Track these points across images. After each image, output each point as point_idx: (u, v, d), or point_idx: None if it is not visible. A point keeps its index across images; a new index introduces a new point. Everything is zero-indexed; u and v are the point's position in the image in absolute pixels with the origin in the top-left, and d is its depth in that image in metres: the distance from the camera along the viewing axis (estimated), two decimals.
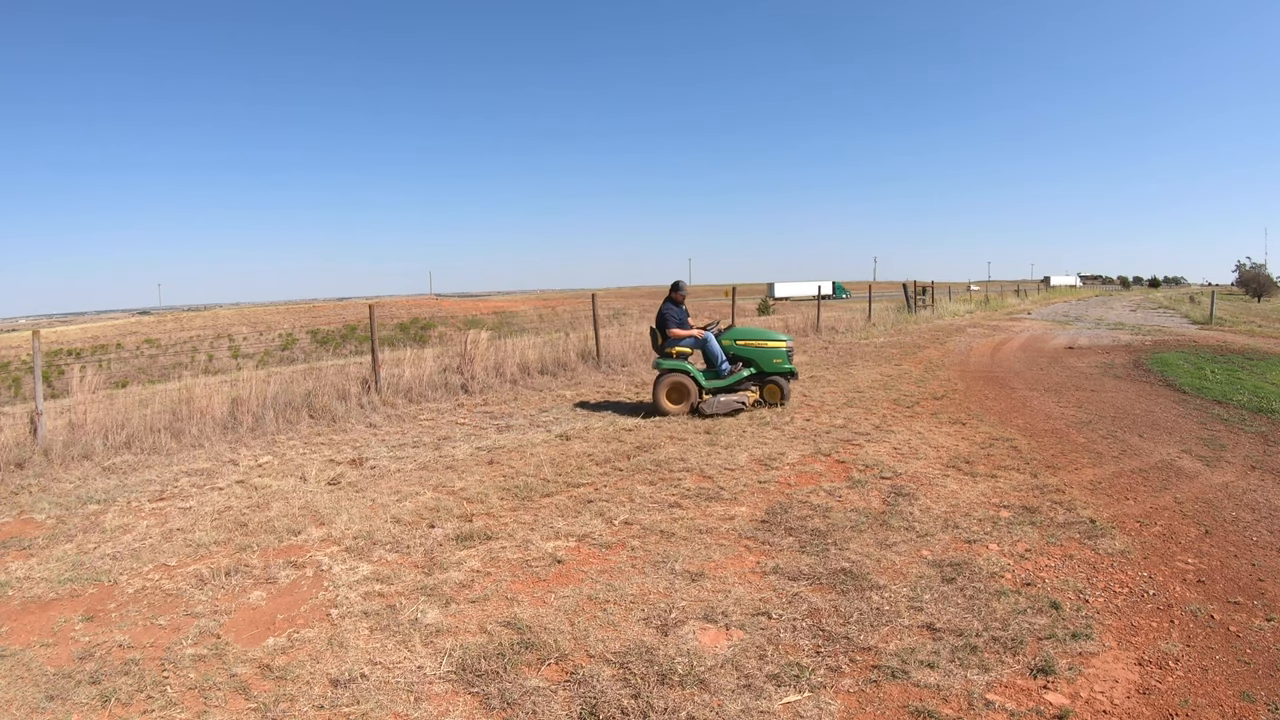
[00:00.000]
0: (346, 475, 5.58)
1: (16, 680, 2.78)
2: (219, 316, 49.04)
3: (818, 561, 3.72)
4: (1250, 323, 22.22)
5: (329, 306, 55.77)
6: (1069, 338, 16.62)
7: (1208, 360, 11.44)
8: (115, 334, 37.22)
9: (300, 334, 34.84)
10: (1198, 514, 4.39)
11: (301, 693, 2.65)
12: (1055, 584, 3.43)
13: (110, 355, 24.53)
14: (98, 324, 53.51)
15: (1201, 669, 2.74)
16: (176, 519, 4.63)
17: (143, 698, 2.65)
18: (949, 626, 3.03)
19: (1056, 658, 2.78)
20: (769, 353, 7.83)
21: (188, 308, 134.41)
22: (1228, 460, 5.54)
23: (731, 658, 2.82)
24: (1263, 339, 15.67)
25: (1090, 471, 5.32)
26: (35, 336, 7.04)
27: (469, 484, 5.23)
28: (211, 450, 6.53)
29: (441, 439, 6.79)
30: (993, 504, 4.60)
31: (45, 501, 5.08)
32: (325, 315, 43.21)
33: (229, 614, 3.31)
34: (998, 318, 25.39)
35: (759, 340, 7.89)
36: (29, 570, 3.86)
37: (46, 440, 6.40)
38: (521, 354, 10.67)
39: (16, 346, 28.64)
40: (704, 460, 5.73)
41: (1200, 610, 3.19)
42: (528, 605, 3.30)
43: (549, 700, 2.57)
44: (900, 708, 2.52)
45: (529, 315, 38.82)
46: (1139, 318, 25.11)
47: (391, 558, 3.90)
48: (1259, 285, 47.65)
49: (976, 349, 14.35)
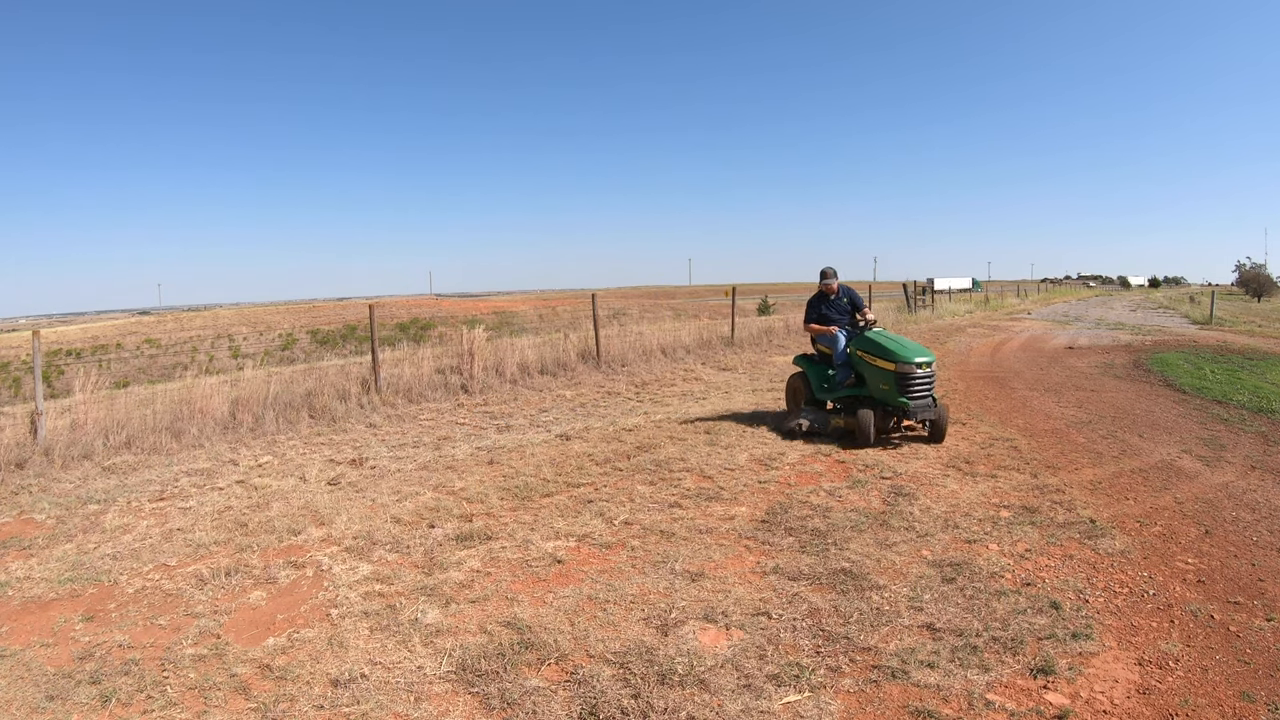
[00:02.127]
0: (346, 475, 5.58)
1: (16, 680, 2.78)
2: (219, 316, 49.06)
3: (818, 561, 3.72)
4: (1250, 323, 22.22)
5: (329, 306, 55.79)
6: (1069, 338, 16.62)
7: (1208, 360, 11.43)
8: (115, 334, 37.23)
9: (300, 334, 34.85)
10: (1198, 514, 4.38)
11: (301, 693, 2.65)
12: (1055, 584, 3.43)
13: (110, 355, 24.54)
14: (98, 324, 53.52)
15: (1201, 669, 2.74)
16: (176, 519, 4.64)
17: (143, 698, 2.65)
18: (949, 626, 3.03)
19: (1056, 658, 2.78)
20: (875, 373, 6.21)
21: (188, 308, 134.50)
22: (1228, 460, 5.54)
23: (731, 658, 2.82)
24: (1263, 339, 15.67)
25: (1090, 471, 5.32)
26: (35, 336, 7.04)
27: (469, 484, 5.23)
28: (212, 450, 6.53)
29: (441, 439, 6.79)
30: (993, 504, 4.60)
31: (45, 501, 5.08)
32: (325, 315, 43.22)
33: (229, 614, 3.31)
34: (998, 318, 25.39)
35: (871, 354, 6.26)
36: (29, 570, 3.86)
37: (47, 440, 6.40)
38: (521, 354, 10.67)
39: (16, 346, 28.64)
40: (704, 460, 5.73)
41: (1200, 610, 3.19)
42: (528, 605, 3.30)
43: (549, 700, 2.57)
44: (900, 708, 2.51)
45: (529, 315, 38.83)
46: (1139, 318, 25.11)
47: (391, 558, 3.90)
48: (1259, 285, 47.68)
49: (976, 349, 14.35)
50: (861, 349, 6.39)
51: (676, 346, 13.08)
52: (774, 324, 17.09)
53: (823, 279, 6.99)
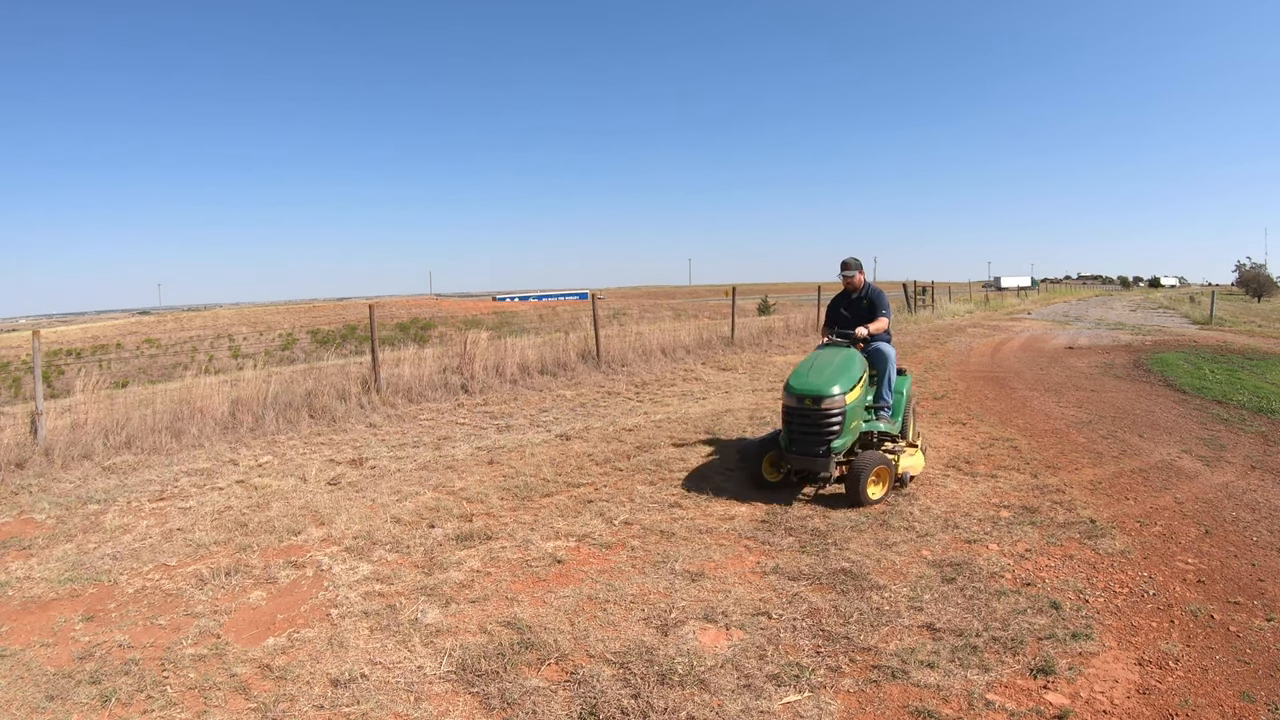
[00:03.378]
0: (346, 475, 5.58)
1: (16, 680, 2.78)
2: (219, 316, 49.05)
3: (818, 561, 3.72)
4: (1250, 323, 22.23)
5: (329, 306, 55.78)
6: (1069, 338, 16.61)
7: (1208, 360, 11.43)
8: (115, 334, 37.21)
9: (300, 334, 34.83)
10: (1198, 514, 4.38)
11: (301, 693, 2.65)
12: (1055, 584, 3.43)
13: (110, 355, 24.53)
14: (98, 324, 53.51)
15: (1201, 669, 2.74)
16: (176, 519, 4.64)
17: (143, 698, 2.65)
18: (949, 626, 3.03)
19: (1056, 658, 2.78)
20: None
21: (188, 308, 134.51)
22: (1228, 460, 5.54)
23: (731, 658, 2.82)
24: (1263, 339, 15.67)
25: (1090, 471, 5.32)
26: (35, 336, 7.04)
27: (469, 484, 5.23)
28: (212, 450, 6.53)
29: (441, 439, 6.79)
30: (993, 504, 4.60)
31: (45, 501, 5.08)
32: (325, 315, 43.21)
33: (229, 614, 3.31)
34: (998, 318, 25.39)
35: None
36: (29, 570, 3.86)
37: (47, 440, 6.40)
38: (521, 354, 10.67)
39: (16, 346, 28.62)
40: (704, 460, 5.73)
41: (1200, 610, 3.19)
42: (528, 605, 3.30)
43: (549, 700, 2.57)
44: (900, 708, 2.51)
45: (529, 315, 38.82)
46: (1139, 318, 25.12)
47: (391, 558, 3.90)
48: (1259, 285, 47.72)
49: (976, 349, 14.35)
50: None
51: (676, 346, 13.08)
52: (774, 324, 17.08)
53: (843, 271, 5.55)
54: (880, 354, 5.26)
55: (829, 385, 4.59)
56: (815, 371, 4.78)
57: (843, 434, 4.61)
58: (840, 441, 4.59)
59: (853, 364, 4.85)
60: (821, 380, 4.65)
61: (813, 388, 4.61)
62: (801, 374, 4.79)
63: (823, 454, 4.57)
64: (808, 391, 4.61)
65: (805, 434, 4.64)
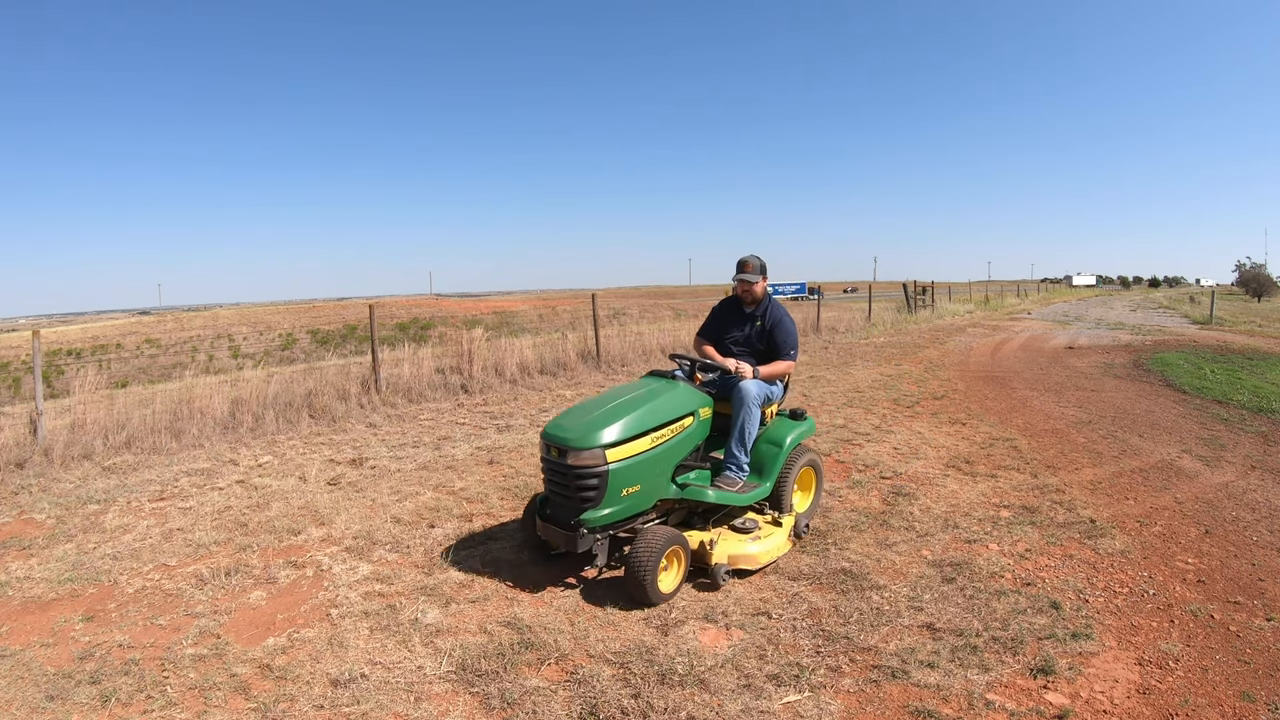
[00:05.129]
0: (346, 475, 5.58)
1: (16, 680, 2.78)
2: (219, 316, 49.03)
3: (818, 561, 3.72)
4: (1250, 323, 22.23)
5: (329, 306, 55.76)
6: (1069, 338, 16.61)
7: (1208, 360, 11.43)
8: (115, 334, 37.22)
9: (300, 334, 34.84)
10: (1198, 514, 4.39)
11: (301, 693, 2.65)
12: (1055, 584, 3.43)
13: (110, 355, 24.54)
14: (98, 324, 53.51)
15: (1201, 669, 2.74)
16: (176, 519, 4.63)
17: (143, 698, 2.65)
18: (949, 626, 3.03)
19: (1056, 658, 2.78)
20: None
21: (188, 308, 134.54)
22: (1228, 460, 5.54)
23: (731, 658, 2.82)
24: (1263, 339, 15.67)
25: (1090, 471, 5.32)
26: (35, 336, 7.04)
27: (469, 484, 5.23)
28: (212, 450, 6.53)
29: (441, 439, 6.79)
30: (993, 504, 4.60)
31: (45, 501, 5.08)
32: (325, 315, 43.20)
33: (229, 614, 3.30)
34: (998, 318, 25.38)
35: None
36: (29, 570, 3.86)
37: (47, 440, 6.40)
38: (521, 354, 10.67)
39: (16, 346, 28.63)
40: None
41: (1200, 610, 3.19)
42: (528, 605, 3.30)
43: (549, 700, 2.57)
44: (900, 708, 2.51)
45: (529, 315, 38.83)
46: (1139, 318, 25.11)
47: (391, 558, 3.90)
48: (1259, 285, 47.74)
49: (976, 349, 14.35)
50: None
51: (676, 346, 13.07)
52: None
53: (739, 273, 4.11)
54: (738, 394, 3.81)
55: (589, 433, 3.27)
56: (581, 411, 3.53)
57: (601, 503, 3.29)
58: (597, 513, 3.29)
59: (654, 404, 3.49)
60: (581, 425, 3.34)
61: (563, 435, 3.33)
62: (564, 414, 3.58)
63: (572, 526, 3.32)
64: (555, 439, 3.35)
65: (557, 496, 3.46)
